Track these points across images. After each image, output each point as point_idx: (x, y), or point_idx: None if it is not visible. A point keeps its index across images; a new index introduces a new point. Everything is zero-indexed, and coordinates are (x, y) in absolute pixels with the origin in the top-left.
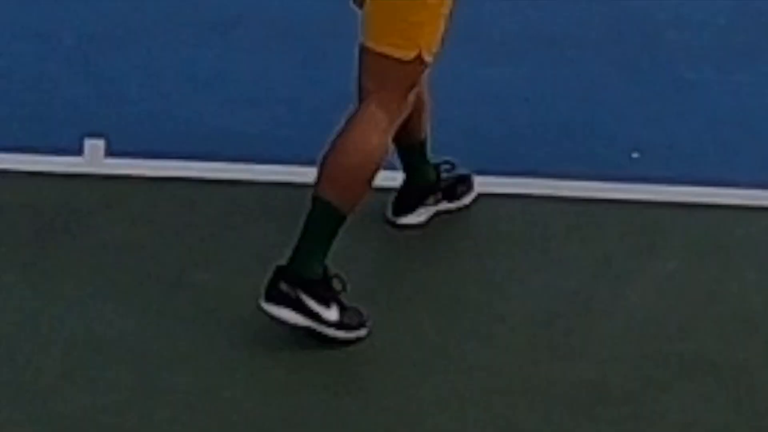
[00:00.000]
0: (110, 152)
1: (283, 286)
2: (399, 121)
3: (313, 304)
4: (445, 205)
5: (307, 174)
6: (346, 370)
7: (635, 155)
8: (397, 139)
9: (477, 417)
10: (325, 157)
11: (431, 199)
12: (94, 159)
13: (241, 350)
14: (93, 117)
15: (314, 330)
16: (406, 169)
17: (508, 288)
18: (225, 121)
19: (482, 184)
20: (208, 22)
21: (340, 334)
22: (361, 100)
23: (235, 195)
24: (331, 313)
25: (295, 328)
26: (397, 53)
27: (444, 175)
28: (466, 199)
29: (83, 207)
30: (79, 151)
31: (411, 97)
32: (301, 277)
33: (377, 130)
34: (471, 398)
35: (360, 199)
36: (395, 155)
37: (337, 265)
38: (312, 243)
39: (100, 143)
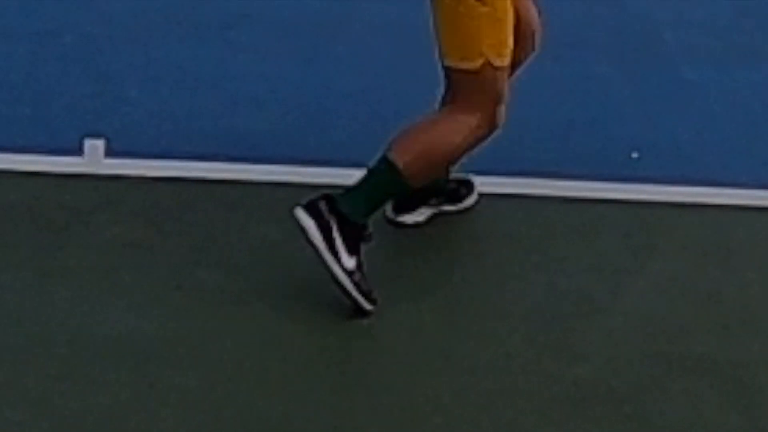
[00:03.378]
0: (110, 152)
1: (322, 205)
2: (483, 132)
3: (339, 242)
4: (446, 207)
5: (307, 174)
6: (347, 370)
7: (635, 155)
8: None
9: (477, 417)
10: (405, 128)
11: (434, 201)
12: (94, 159)
13: (241, 350)
14: (93, 117)
15: (328, 265)
16: None
17: (508, 288)
18: (225, 121)
19: (482, 184)
20: (208, 22)
21: (349, 283)
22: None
23: (235, 195)
24: (349, 262)
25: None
26: (465, 65)
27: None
28: (468, 202)
29: (83, 207)
30: (79, 151)
31: (499, 111)
32: (342, 213)
33: (462, 127)
34: (471, 398)
35: (423, 176)
36: None
37: None
38: (366, 192)
39: (100, 143)
